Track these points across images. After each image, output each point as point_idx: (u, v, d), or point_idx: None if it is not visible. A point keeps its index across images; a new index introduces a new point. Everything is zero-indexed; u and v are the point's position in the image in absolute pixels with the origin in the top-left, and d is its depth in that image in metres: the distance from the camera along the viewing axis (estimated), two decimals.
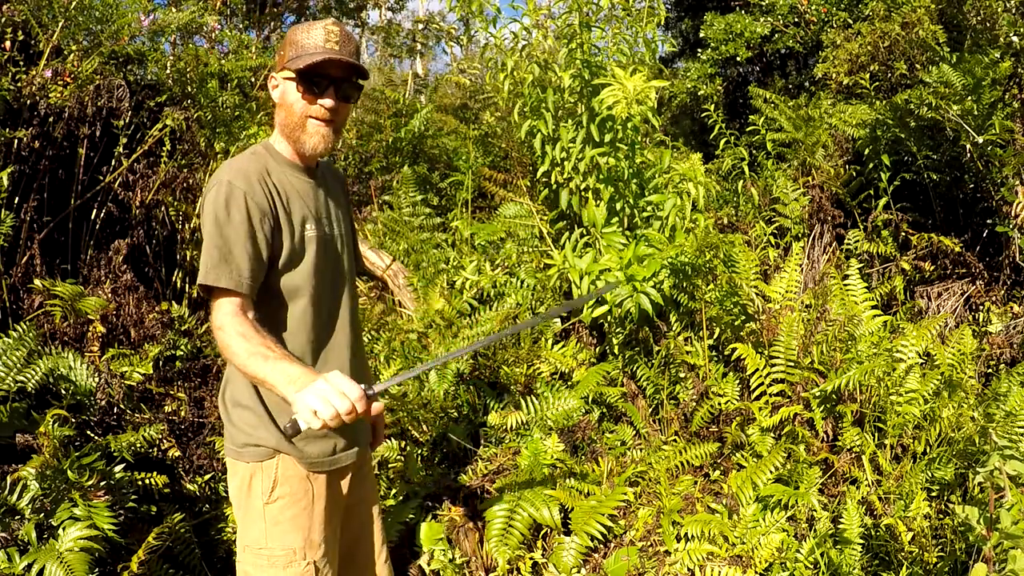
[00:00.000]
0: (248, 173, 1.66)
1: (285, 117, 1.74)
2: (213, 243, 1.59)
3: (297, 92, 1.69)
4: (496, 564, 2.72)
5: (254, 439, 1.72)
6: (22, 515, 2.23)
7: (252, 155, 1.74)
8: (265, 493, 1.73)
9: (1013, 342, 4.24)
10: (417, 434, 3.17)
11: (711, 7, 8.47)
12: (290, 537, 1.73)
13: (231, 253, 1.59)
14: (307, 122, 1.71)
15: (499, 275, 3.93)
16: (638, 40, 4.13)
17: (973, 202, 5.36)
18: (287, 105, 1.72)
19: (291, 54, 1.71)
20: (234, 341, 1.53)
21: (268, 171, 1.71)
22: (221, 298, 1.59)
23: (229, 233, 1.60)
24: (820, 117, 5.74)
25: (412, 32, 13.30)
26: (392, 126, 6.22)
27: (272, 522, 1.73)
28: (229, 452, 1.78)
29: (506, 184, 4.99)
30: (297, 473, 1.75)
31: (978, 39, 5.43)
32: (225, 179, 1.63)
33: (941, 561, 2.68)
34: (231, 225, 1.60)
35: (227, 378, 1.80)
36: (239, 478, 1.76)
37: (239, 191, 1.61)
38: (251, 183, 1.64)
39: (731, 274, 3.83)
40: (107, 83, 3.76)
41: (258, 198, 1.64)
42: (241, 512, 1.77)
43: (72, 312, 3.14)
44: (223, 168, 1.69)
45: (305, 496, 1.76)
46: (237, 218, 1.60)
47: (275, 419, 1.72)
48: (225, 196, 1.61)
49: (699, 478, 3.23)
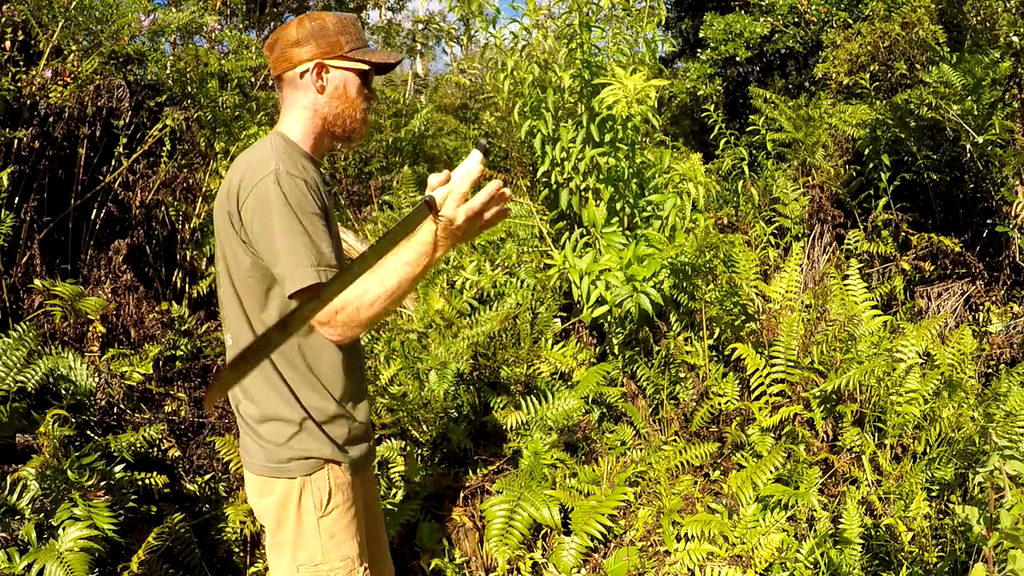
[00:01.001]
0: (295, 161, 1.55)
1: (343, 109, 1.65)
2: (302, 239, 1.45)
3: (362, 87, 1.65)
4: (496, 564, 2.72)
5: (299, 452, 1.61)
6: (22, 515, 2.23)
7: (277, 144, 1.60)
8: (319, 507, 1.63)
9: (1013, 342, 4.24)
10: (417, 434, 3.17)
11: (711, 7, 8.46)
12: (347, 547, 1.66)
13: (320, 246, 1.47)
14: (365, 117, 1.69)
15: (499, 275, 3.93)
16: (638, 40, 4.13)
17: (973, 202, 5.36)
18: (349, 99, 1.64)
19: (350, 43, 1.62)
20: (361, 295, 1.43)
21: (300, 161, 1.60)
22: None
23: (309, 225, 1.47)
24: (820, 117, 5.74)
25: (412, 32, 13.30)
26: (392, 126, 6.22)
27: (327, 535, 1.64)
28: (264, 470, 1.64)
29: (506, 184, 4.98)
30: (346, 480, 1.67)
31: (978, 39, 5.42)
32: (280, 168, 1.49)
33: (941, 561, 2.68)
34: (308, 217, 1.48)
35: (242, 396, 1.66)
36: (280, 495, 1.63)
37: (299, 180, 1.50)
38: (303, 171, 1.54)
39: (731, 274, 3.83)
40: (107, 83, 3.75)
41: (314, 186, 1.54)
42: (289, 531, 1.65)
43: (72, 312, 3.13)
44: (262, 158, 1.54)
45: (356, 500, 1.70)
46: (310, 208, 1.49)
47: (322, 427, 1.62)
48: (290, 185, 1.48)
49: (699, 478, 3.23)
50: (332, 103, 1.65)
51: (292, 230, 1.46)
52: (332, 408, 1.64)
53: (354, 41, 1.63)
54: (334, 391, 1.64)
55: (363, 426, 1.72)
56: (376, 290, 1.45)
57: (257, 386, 1.62)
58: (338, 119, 1.66)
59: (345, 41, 1.62)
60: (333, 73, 1.63)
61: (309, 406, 1.62)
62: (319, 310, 1.25)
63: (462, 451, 3.21)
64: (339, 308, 1.45)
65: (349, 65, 1.63)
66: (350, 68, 1.63)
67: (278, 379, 1.61)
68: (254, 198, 1.49)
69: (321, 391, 1.63)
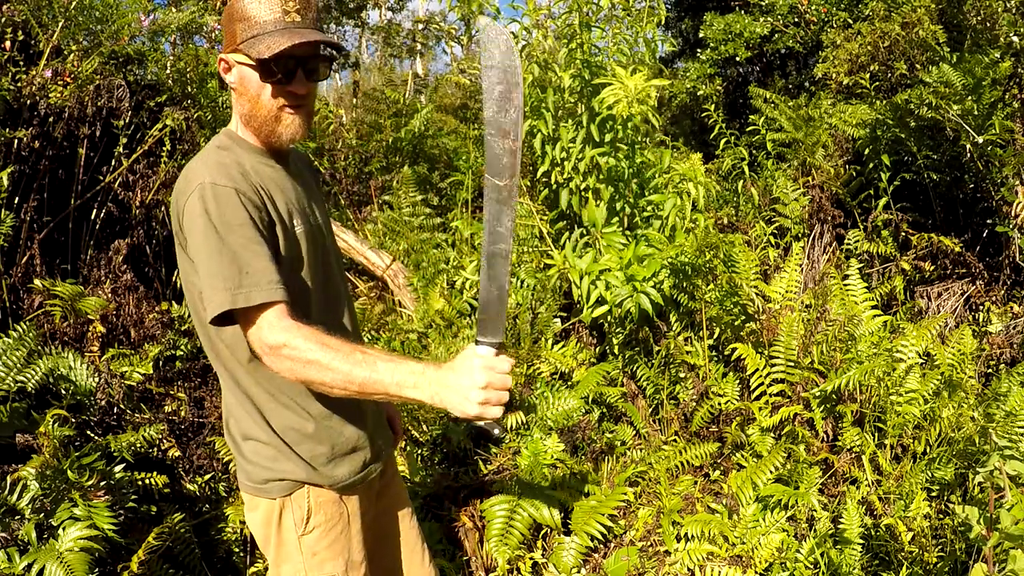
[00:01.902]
0: (228, 168, 1.40)
1: (250, 109, 1.48)
2: (220, 259, 1.32)
3: (261, 82, 1.44)
4: (496, 564, 2.72)
5: (276, 473, 1.56)
6: (22, 515, 2.23)
7: (219, 148, 1.49)
8: (299, 525, 1.58)
9: (1013, 342, 4.24)
10: (417, 434, 3.17)
11: (711, 7, 8.46)
12: (329, 565, 1.62)
13: (248, 264, 1.33)
14: (281, 114, 1.48)
15: None
16: (638, 40, 4.13)
17: (973, 202, 5.36)
18: (250, 96, 1.47)
19: (244, 32, 1.43)
20: (317, 355, 1.28)
21: (242, 164, 1.45)
22: (260, 315, 1.33)
23: (234, 242, 1.33)
24: (820, 117, 5.74)
25: (412, 32, 13.30)
26: (392, 126, 6.22)
27: (309, 553, 1.60)
28: (247, 488, 1.60)
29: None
30: (329, 498, 1.61)
31: (978, 39, 5.42)
32: (206, 181, 1.36)
33: (941, 561, 2.68)
34: (233, 232, 1.34)
35: (228, 411, 1.61)
36: (262, 514, 1.60)
37: (227, 190, 1.36)
38: (235, 179, 1.39)
39: (731, 274, 3.83)
40: (107, 83, 3.75)
41: (249, 194, 1.39)
42: (271, 548, 1.62)
43: (72, 312, 3.13)
44: (193, 170, 1.41)
45: (341, 520, 1.63)
46: (236, 221, 1.34)
47: (294, 448, 1.56)
48: (214, 200, 1.35)
49: (699, 478, 3.23)
50: (240, 101, 1.50)
51: (212, 251, 1.33)
52: (309, 427, 1.56)
53: (251, 26, 1.42)
54: (310, 408, 1.56)
55: (352, 440, 1.63)
56: (343, 369, 1.30)
57: (235, 405, 1.57)
58: (251, 119, 1.50)
59: (240, 30, 1.43)
60: (235, 69, 1.48)
61: (281, 427, 1.55)
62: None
63: (462, 451, 3.21)
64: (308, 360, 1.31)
65: (241, 59, 1.45)
66: (243, 62, 1.45)
67: (247, 400, 1.55)
68: (187, 218, 1.38)
69: (295, 409, 1.55)
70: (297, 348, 1.30)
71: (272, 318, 1.33)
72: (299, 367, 1.31)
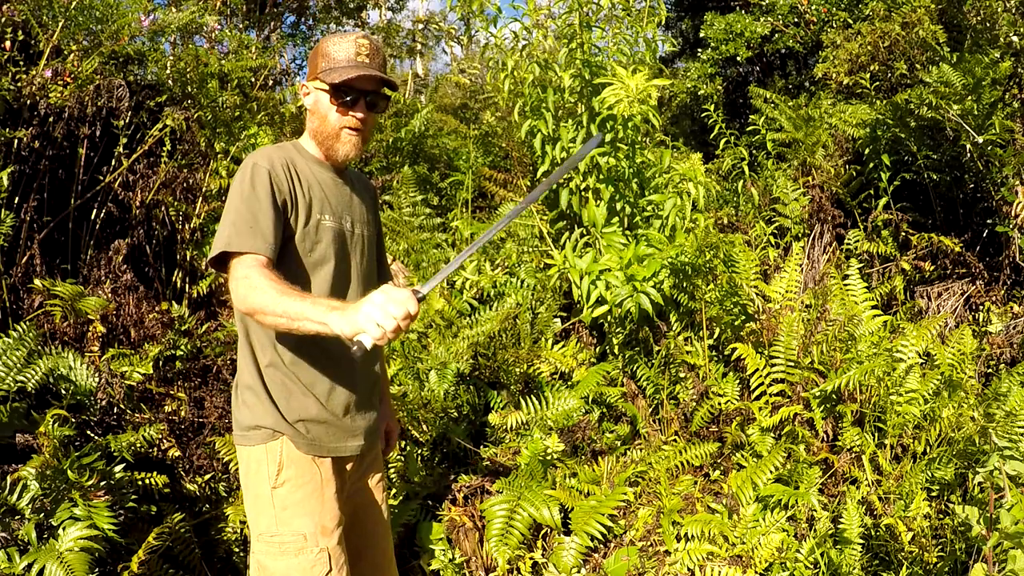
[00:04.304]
0: (272, 157, 1.75)
1: (319, 125, 1.83)
2: (238, 215, 1.65)
3: (331, 104, 1.80)
4: (496, 564, 2.72)
5: (257, 420, 1.76)
6: (22, 515, 2.23)
7: (279, 146, 1.84)
8: (271, 477, 1.74)
9: (1013, 342, 4.24)
10: (417, 434, 3.17)
11: (711, 7, 8.46)
12: (299, 522, 1.73)
13: (256, 222, 1.64)
14: (341, 132, 1.82)
15: (499, 275, 3.92)
16: (638, 40, 4.13)
17: (973, 202, 5.37)
18: (320, 115, 1.82)
19: (323, 65, 1.81)
20: (262, 283, 1.55)
21: (293, 160, 1.79)
22: (241, 257, 1.61)
23: (253, 205, 1.66)
24: (820, 117, 5.74)
25: (412, 32, 13.29)
26: (392, 126, 6.21)
27: (280, 507, 1.73)
28: (237, 439, 1.80)
29: (506, 184, 4.98)
30: (301, 456, 1.76)
31: (978, 39, 5.42)
32: (251, 162, 1.72)
33: (941, 561, 2.68)
34: (255, 198, 1.67)
35: (238, 368, 1.84)
36: (245, 464, 1.79)
37: (263, 169, 1.71)
38: (274, 165, 1.73)
39: (731, 274, 3.83)
40: (107, 83, 3.75)
41: (279, 178, 1.72)
42: (250, 501, 1.78)
43: (72, 312, 3.13)
44: (249, 155, 1.79)
45: (312, 480, 1.77)
46: (261, 192, 1.68)
47: (275, 401, 1.76)
48: (250, 174, 1.70)
49: (699, 478, 3.23)
50: (312, 119, 1.86)
51: (230, 209, 1.67)
52: (295, 389, 1.76)
53: (329, 61, 1.80)
54: (301, 375, 1.77)
55: (329, 412, 1.80)
56: (272, 296, 1.53)
57: (242, 357, 1.81)
58: (317, 134, 1.85)
59: (321, 62, 1.81)
60: (312, 93, 1.84)
61: (266, 377, 1.76)
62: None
63: (462, 451, 3.21)
64: (254, 286, 1.56)
65: (318, 84, 1.82)
66: (319, 88, 1.82)
67: (250, 353, 1.78)
68: (231, 186, 1.75)
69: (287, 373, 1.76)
70: (251, 278, 1.57)
71: (250, 259, 1.61)
72: (249, 292, 1.56)
